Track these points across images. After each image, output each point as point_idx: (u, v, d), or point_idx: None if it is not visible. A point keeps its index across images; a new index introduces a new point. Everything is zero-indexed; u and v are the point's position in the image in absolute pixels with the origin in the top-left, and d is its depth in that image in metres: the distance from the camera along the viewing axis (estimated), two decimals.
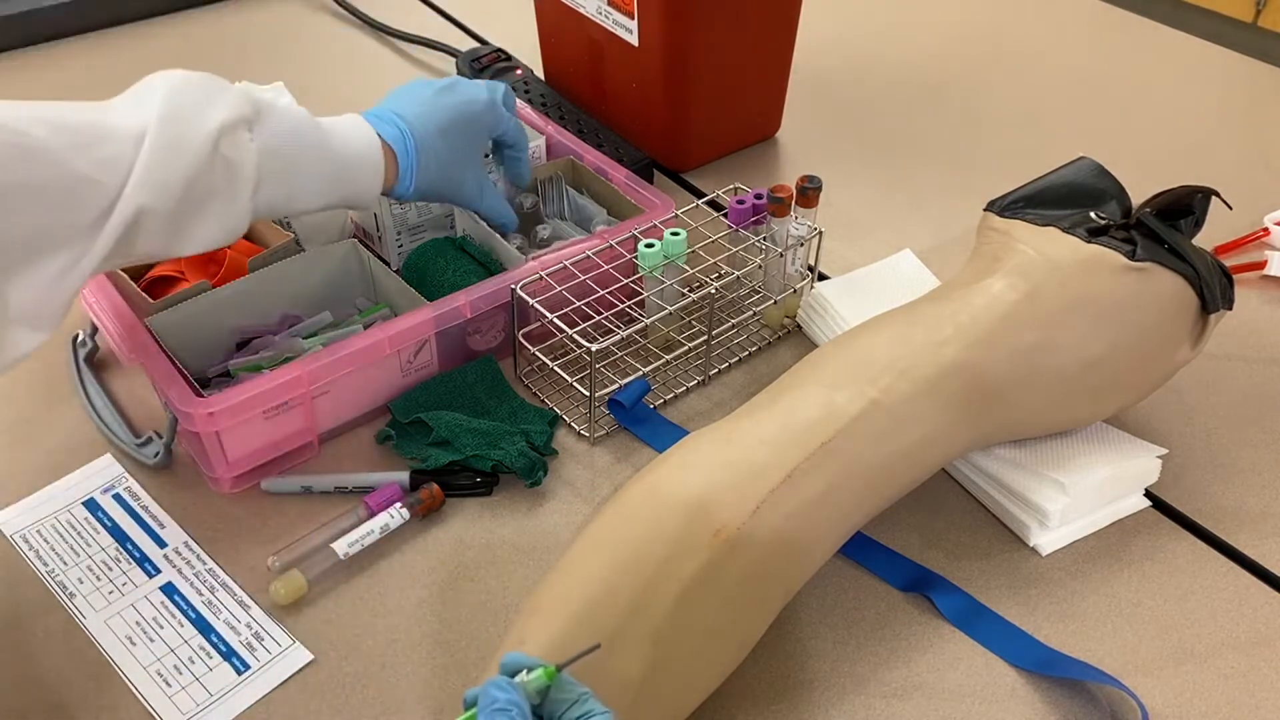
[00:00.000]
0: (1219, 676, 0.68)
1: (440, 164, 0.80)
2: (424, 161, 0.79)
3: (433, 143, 0.80)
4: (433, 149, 0.80)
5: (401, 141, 0.78)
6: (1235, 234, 1.02)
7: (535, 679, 0.49)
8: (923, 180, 1.12)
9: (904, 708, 0.66)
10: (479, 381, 0.85)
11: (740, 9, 1.03)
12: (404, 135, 0.78)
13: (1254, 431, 0.84)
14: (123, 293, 0.82)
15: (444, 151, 0.81)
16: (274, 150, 0.70)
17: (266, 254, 0.86)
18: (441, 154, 0.80)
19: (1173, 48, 1.37)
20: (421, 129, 0.79)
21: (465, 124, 0.82)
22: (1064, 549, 0.75)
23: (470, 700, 0.49)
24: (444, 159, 0.81)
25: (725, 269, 0.85)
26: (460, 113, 0.82)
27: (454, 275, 0.87)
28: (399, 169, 0.79)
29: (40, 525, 0.76)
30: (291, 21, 1.38)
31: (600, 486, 0.79)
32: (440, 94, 0.82)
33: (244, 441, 0.76)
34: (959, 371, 0.69)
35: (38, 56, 1.29)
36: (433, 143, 0.80)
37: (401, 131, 0.79)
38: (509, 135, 0.87)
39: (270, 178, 0.70)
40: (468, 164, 0.84)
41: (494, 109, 0.85)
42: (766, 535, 0.62)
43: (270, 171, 0.70)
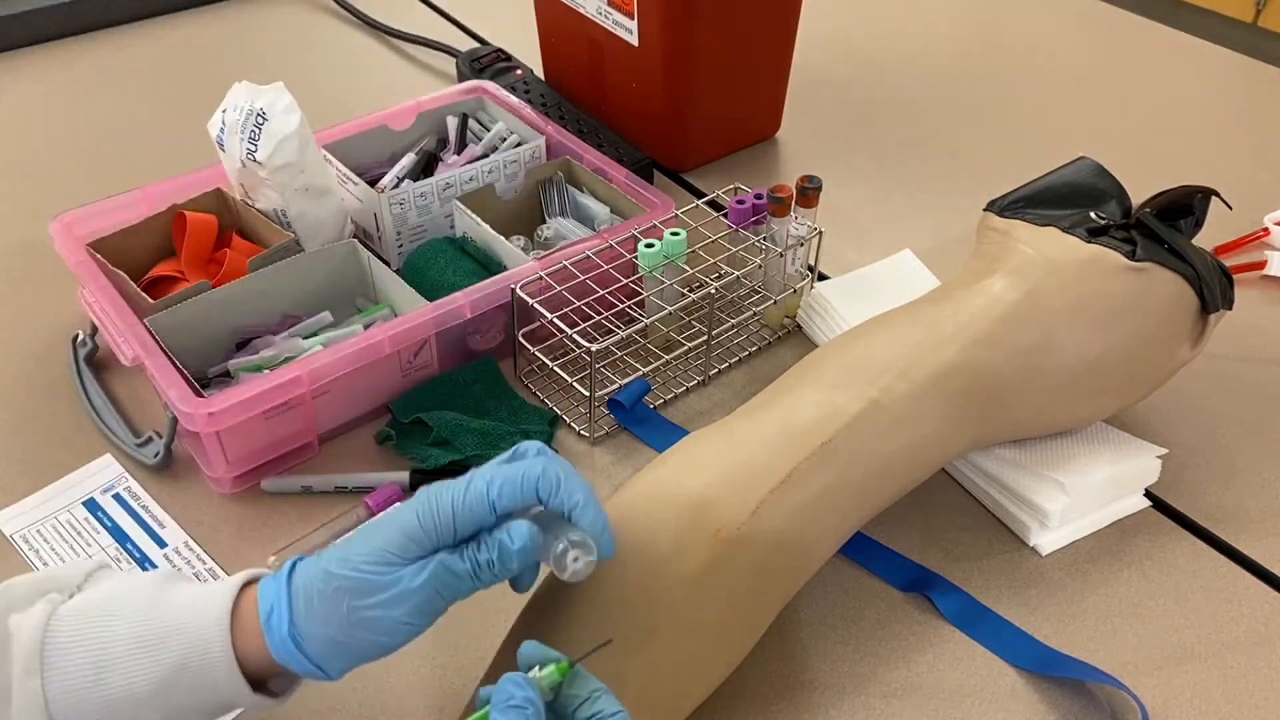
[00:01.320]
0: (1219, 676, 0.68)
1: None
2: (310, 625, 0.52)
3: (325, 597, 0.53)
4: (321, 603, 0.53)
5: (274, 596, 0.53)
6: (1235, 234, 1.02)
7: (549, 675, 0.49)
8: (923, 180, 1.12)
9: (904, 708, 0.66)
10: (479, 381, 0.85)
11: (740, 9, 1.03)
12: (279, 590, 0.53)
13: (1254, 431, 0.84)
14: (123, 293, 0.82)
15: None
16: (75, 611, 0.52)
17: (266, 254, 0.86)
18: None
19: (1173, 48, 1.37)
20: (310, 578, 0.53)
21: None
22: (1064, 549, 0.75)
23: (485, 698, 0.49)
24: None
25: (725, 269, 0.85)
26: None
27: (454, 275, 0.87)
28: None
29: (40, 525, 0.76)
30: (291, 21, 1.38)
31: (600, 486, 0.79)
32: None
33: (244, 441, 0.76)
34: (959, 371, 0.69)
35: (38, 56, 1.29)
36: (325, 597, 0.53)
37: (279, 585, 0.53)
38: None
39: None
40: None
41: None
42: (766, 535, 0.62)
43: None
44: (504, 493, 0.53)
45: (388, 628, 0.52)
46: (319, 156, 0.89)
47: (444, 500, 0.53)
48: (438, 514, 0.52)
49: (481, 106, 1.06)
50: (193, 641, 0.51)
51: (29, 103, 1.21)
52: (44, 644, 0.50)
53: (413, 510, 0.53)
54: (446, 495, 0.53)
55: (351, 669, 0.53)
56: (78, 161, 1.12)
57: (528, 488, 0.53)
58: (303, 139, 0.85)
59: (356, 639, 0.52)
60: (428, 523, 0.52)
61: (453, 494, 0.53)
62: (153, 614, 0.52)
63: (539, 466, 0.54)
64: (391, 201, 0.92)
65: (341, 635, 0.52)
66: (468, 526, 0.53)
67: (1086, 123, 1.22)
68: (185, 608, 0.52)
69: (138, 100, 1.22)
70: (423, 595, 0.52)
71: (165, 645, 0.51)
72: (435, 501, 0.53)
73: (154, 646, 0.51)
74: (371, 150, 1.01)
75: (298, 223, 0.89)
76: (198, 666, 0.51)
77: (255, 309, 0.85)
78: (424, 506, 0.53)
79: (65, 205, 0.91)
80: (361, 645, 0.52)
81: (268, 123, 0.84)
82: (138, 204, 0.91)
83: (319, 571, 0.52)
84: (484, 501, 0.53)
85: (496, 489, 0.53)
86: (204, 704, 0.53)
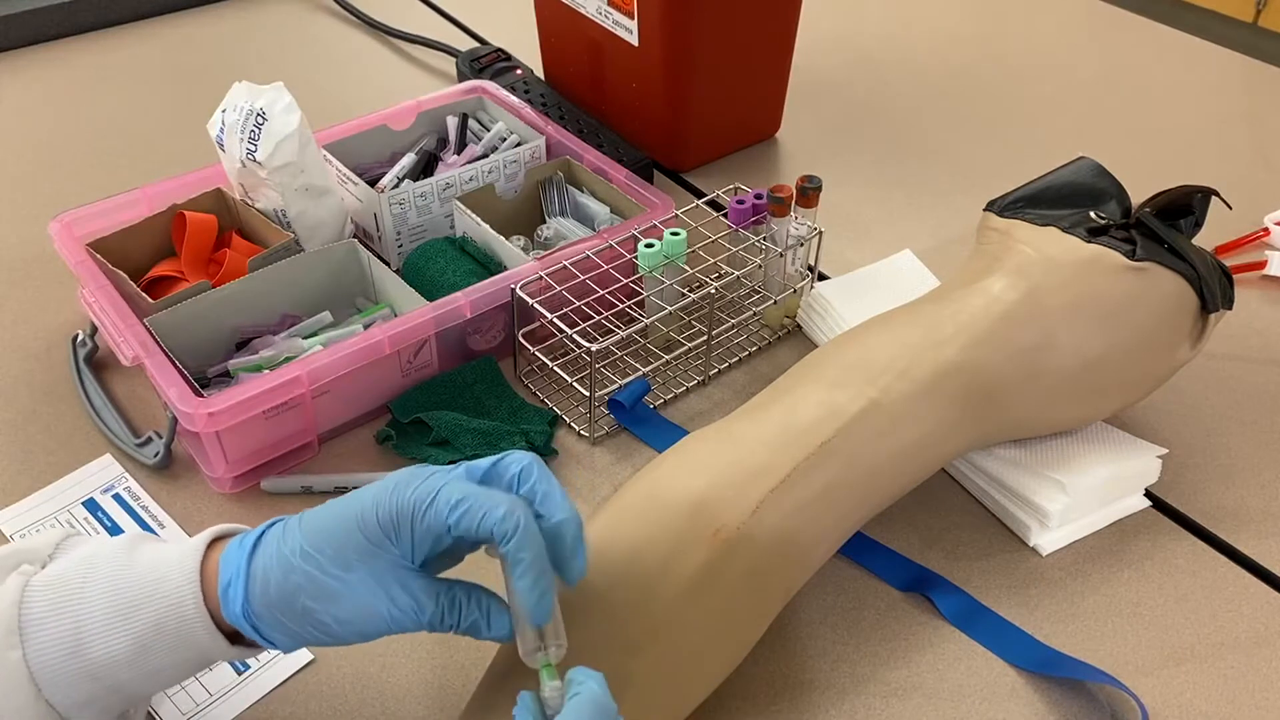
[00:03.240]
0: (1219, 676, 0.68)
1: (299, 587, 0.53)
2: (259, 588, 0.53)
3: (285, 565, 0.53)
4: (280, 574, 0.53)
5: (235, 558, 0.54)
6: (1235, 234, 1.02)
7: (546, 679, 0.51)
8: (923, 180, 1.12)
9: (904, 708, 0.66)
10: (479, 381, 0.85)
11: (740, 9, 1.03)
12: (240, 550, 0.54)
13: (1254, 431, 0.84)
14: (123, 293, 0.82)
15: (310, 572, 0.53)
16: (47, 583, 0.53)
17: (266, 254, 0.86)
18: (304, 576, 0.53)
19: (1173, 48, 1.37)
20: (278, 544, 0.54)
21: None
22: (1064, 549, 0.75)
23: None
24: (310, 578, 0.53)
25: (725, 269, 0.85)
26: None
27: (454, 275, 0.87)
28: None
29: (40, 525, 0.76)
30: (291, 21, 1.38)
31: (600, 486, 0.79)
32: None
33: (244, 441, 0.76)
34: (959, 371, 0.69)
35: (38, 56, 1.29)
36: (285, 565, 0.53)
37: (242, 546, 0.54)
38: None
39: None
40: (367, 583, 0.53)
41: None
42: (766, 535, 0.62)
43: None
44: (461, 523, 0.52)
45: (338, 634, 0.53)
46: (319, 156, 0.89)
47: (404, 504, 0.52)
48: (395, 517, 0.52)
49: (481, 106, 1.06)
50: (167, 602, 0.52)
51: (29, 103, 1.21)
52: (21, 617, 0.51)
53: (373, 502, 0.52)
54: (408, 498, 0.52)
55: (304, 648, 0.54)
56: (78, 161, 1.12)
57: (485, 527, 0.51)
58: (303, 139, 0.85)
59: (307, 631, 0.53)
60: (386, 523, 0.52)
61: (415, 501, 0.52)
62: (125, 578, 0.53)
63: (501, 511, 0.51)
64: (391, 201, 0.92)
65: (293, 624, 0.52)
66: (423, 543, 0.52)
67: (1086, 123, 1.22)
68: (157, 567, 0.53)
69: (138, 100, 1.22)
70: (378, 624, 0.52)
71: (140, 609, 0.52)
72: (395, 505, 0.52)
73: (129, 611, 0.52)
74: (371, 150, 1.01)
75: (298, 223, 0.89)
76: (174, 626, 0.52)
77: (255, 309, 0.85)
78: (384, 506, 0.52)
79: (65, 205, 0.91)
80: (310, 637, 0.53)
81: (267, 123, 0.84)
82: (138, 204, 0.91)
83: (280, 559, 0.52)
84: (441, 523, 0.52)
85: (456, 517, 0.52)
86: (184, 660, 0.53)
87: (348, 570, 0.52)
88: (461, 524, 0.52)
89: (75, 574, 0.53)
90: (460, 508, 0.52)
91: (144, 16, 1.37)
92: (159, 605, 0.52)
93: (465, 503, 0.52)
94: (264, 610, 0.52)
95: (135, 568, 0.53)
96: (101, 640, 0.51)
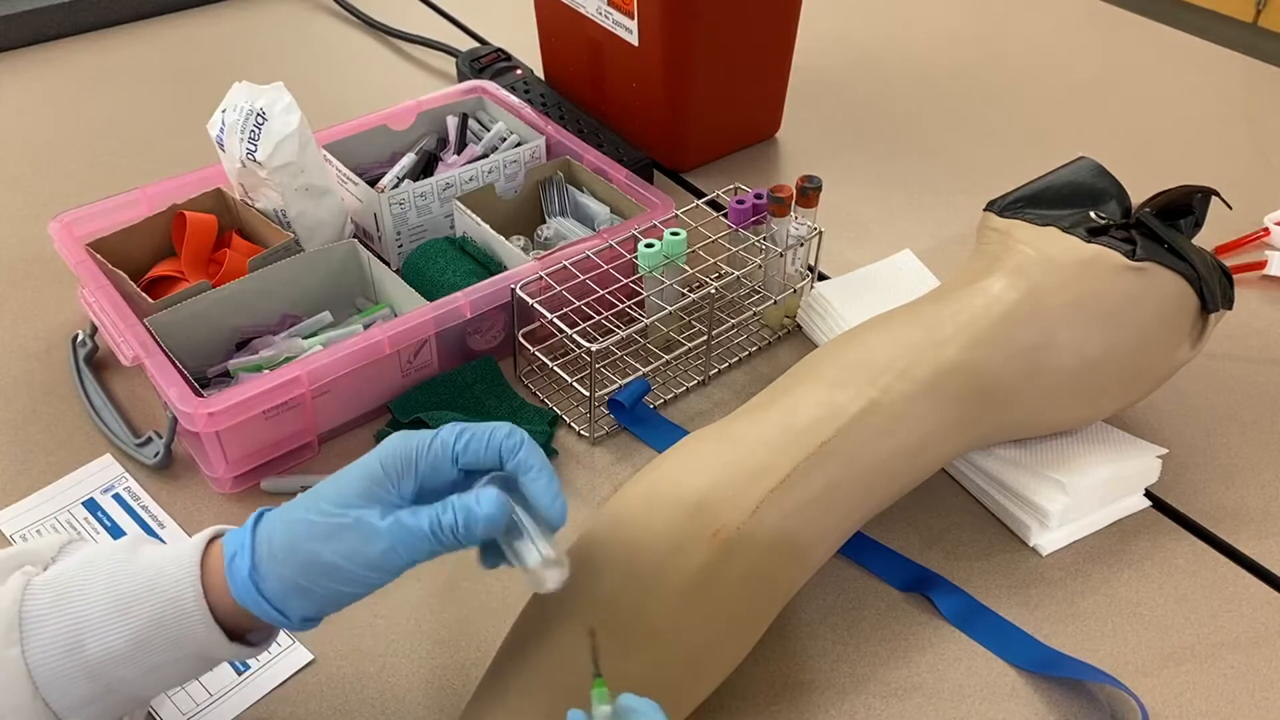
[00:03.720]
0: (1219, 676, 0.68)
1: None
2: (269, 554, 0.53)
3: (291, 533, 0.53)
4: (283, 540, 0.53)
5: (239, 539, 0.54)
6: (1235, 234, 1.02)
7: (599, 703, 0.51)
8: (923, 180, 1.12)
9: (904, 708, 0.66)
10: (479, 381, 0.85)
11: (740, 9, 1.03)
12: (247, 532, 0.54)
13: (1254, 431, 0.84)
14: (123, 293, 0.82)
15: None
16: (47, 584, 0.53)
17: (266, 254, 0.86)
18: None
19: (1173, 48, 1.37)
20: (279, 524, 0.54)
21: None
22: (1064, 549, 0.75)
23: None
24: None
25: (725, 269, 0.85)
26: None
27: (454, 275, 0.87)
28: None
29: (40, 525, 0.76)
30: (291, 21, 1.38)
31: (600, 487, 0.79)
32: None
33: (244, 441, 0.76)
34: (959, 371, 0.69)
35: (38, 56, 1.29)
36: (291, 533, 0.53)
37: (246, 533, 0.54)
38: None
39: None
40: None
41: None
42: (766, 535, 0.62)
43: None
44: (469, 447, 0.54)
45: (346, 575, 0.52)
46: (319, 156, 0.89)
47: (409, 447, 0.54)
48: (400, 460, 0.53)
49: (481, 106, 1.06)
50: (166, 597, 0.52)
51: (29, 103, 1.21)
52: (21, 615, 0.51)
53: (377, 457, 0.54)
54: (412, 443, 0.54)
55: (314, 619, 0.54)
56: (78, 161, 1.12)
57: (492, 445, 0.54)
58: (302, 139, 0.85)
59: (316, 584, 0.52)
60: (390, 468, 0.53)
61: (418, 442, 0.54)
62: (124, 575, 0.53)
63: (506, 428, 0.55)
64: (391, 201, 0.92)
65: (302, 579, 0.52)
66: (431, 476, 0.54)
67: (1086, 123, 1.22)
68: (155, 565, 0.53)
69: (138, 100, 1.22)
70: (381, 545, 0.52)
71: (139, 604, 0.52)
72: (400, 449, 0.54)
73: (128, 606, 0.52)
74: (371, 150, 1.01)
75: (298, 223, 0.89)
76: (173, 621, 0.52)
77: (255, 309, 0.85)
78: (388, 453, 0.54)
79: (65, 205, 0.91)
80: (321, 591, 0.53)
81: (267, 123, 0.84)
82: (138, 204, 0.91)
83: (283, 516, 0.53)
84: (448, 451, 0.54)
85: (463, 442, 0.54)
86: (184, 658, 0.53)
87: (350, 507, 0.52)
88: (470, 448, 0.54)
89: (76, 573, 0.53)
90: (465, 435, 0.54)
91: (144, 16, 1.37)
92: (158, 599, 0.52)
93: (468, 431, 0.55)
94: (270, 570, 0.52)
95: (134, 564, 0.53)
96: (100, 636, 0.51)
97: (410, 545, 0.52)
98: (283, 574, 0.52)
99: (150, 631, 0.52)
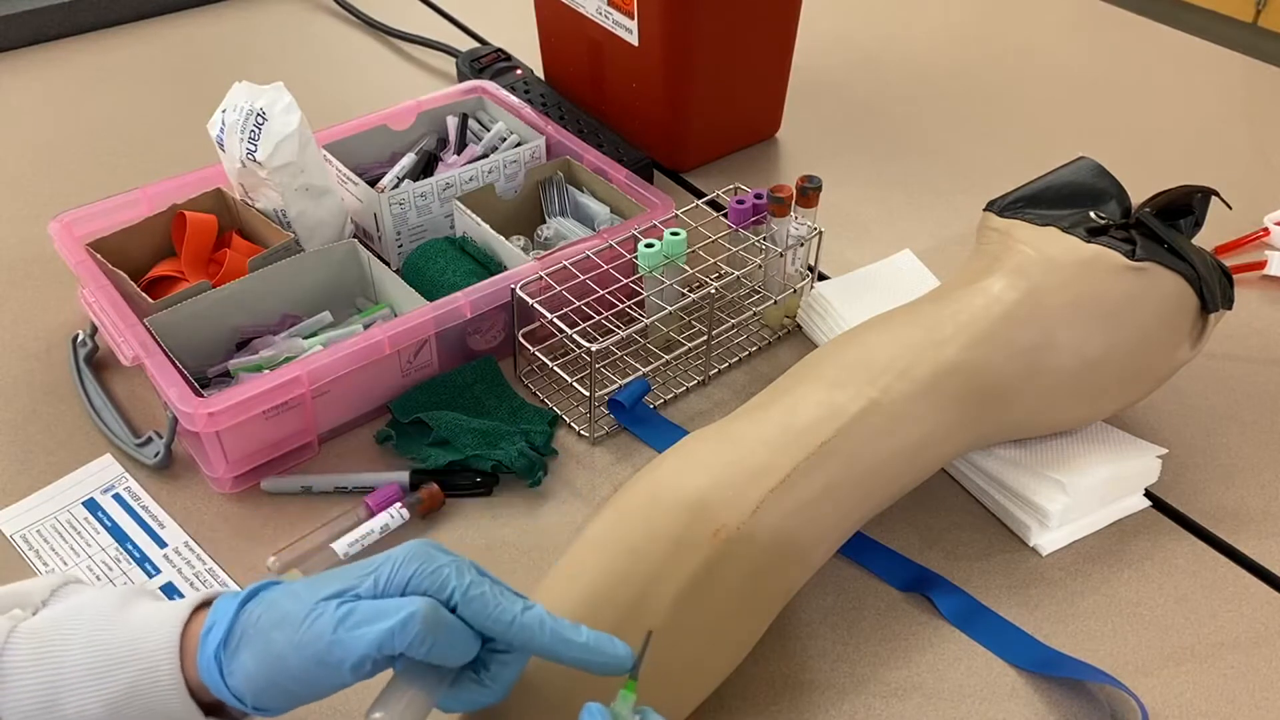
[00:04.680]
0: (1219, 676, 0.68)
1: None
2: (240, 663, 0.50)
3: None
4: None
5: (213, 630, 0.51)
6: (1235, 234, 1.02)
7: (624, 703, 0.50)
8: (923, 180, 1.12)
9: (904, 708, 0.66)
10: (479, 381, 0.85)
11: (740, 9, 1.03)
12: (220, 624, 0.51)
13: (1254, 431, 0.84)
14: (123, 293, 0.82)
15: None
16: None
17: (266, 254, 0.86)
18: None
19: (1173, 48, 1.37)
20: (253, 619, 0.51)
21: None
22: (1064, 549, 0.75)
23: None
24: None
25: (725, 269, 0.85)
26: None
27: (454, 275, 0.87)
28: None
29: (40, 525, 0.76)
30: (291, 21, 1.38)
31: (600, 487, 0.79)
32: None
33: (244, 441, 0.76)
34: (959, 371, 0.69)
35: (38, 56, 1.29)
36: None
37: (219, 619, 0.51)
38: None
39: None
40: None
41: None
42: (766, 535, 0.62)
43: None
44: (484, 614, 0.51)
45: (300, 674, 0.49)
46: (319, 156, 0.89)
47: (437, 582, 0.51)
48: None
49: (481, 106, 1.06)
50: (143, 665, 0.50)
51: (29, 103, 1.21)
52: (1, 664, 0.49)
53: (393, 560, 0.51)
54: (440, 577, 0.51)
55: (270, 710, 0.51)
56: (78, 161, 1.12)
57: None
58: (302, 139, 0.85)
59: (276, 671, 0.49)
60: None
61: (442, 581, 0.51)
62: (107, 635, 0.51)
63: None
64: (391, 201, 0.92)
65: (253, 665, 0.49)
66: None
67: (1086, 123, 1.22)
68: (139, 628, 0.51)
69: (138, 100, 1.22)
70: (340, 657, 0.49)
71: (117, 669, 0.50)
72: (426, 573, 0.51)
73: (106, 670, 0.50)
74: (371, 150, 1.01)
75: (298, 223, 0.89)
76: (148, 691, 0.50)
77: (255, 309, 0.85)
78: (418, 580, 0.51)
79: (65, 205, 0.91)
80: (283, 681, 0.50)
81: (267, 123, 0.84)
82: (138, 204, 0.91)
83: (270, 596, 0.51)
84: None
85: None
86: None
87: (325, 603, 0.50)
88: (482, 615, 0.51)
89: (61, 624, 0.51)
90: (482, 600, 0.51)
91: (144, 16, 1.37)
92: (136, 667, 0.50)
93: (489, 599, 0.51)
94: (238, 650, 0.50)
95: (119, 624, 0.51)
96: (77, 698, 0.49)
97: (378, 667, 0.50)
98: (244, 658, 0.50)
99: (124, 699, 0.50)
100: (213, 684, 0.50)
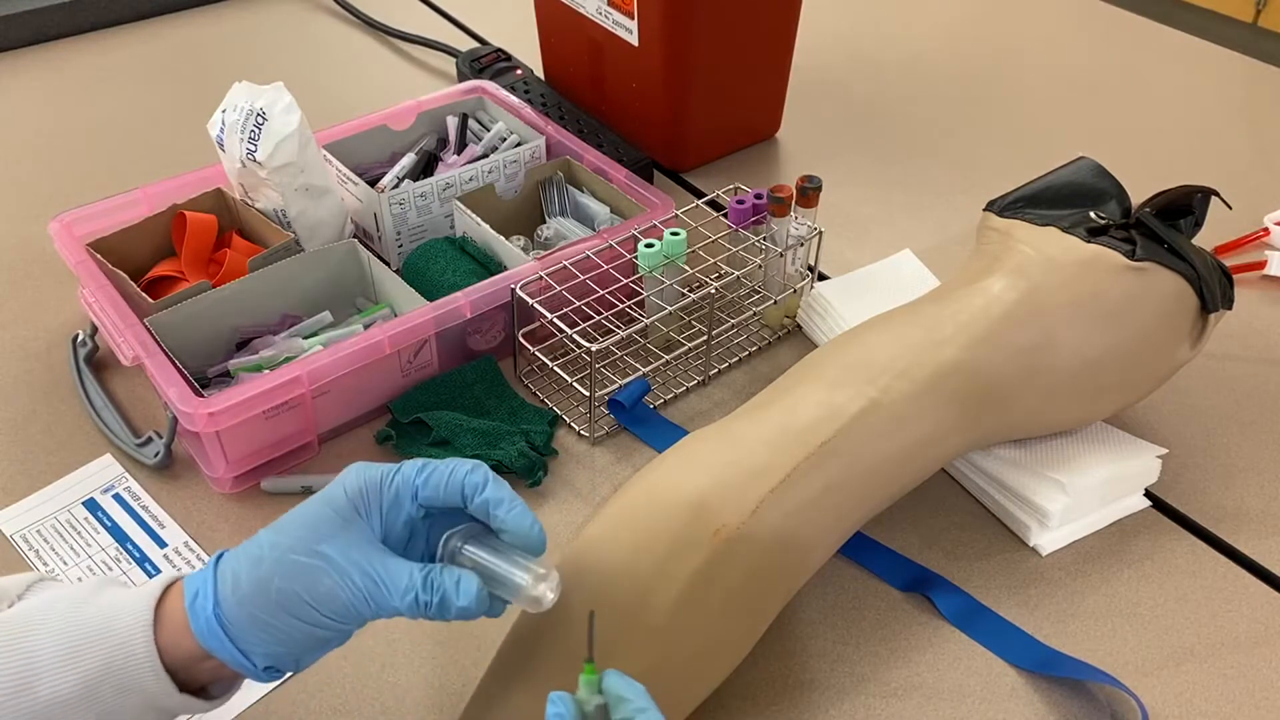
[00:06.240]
0: (1219, 676, 0.68)
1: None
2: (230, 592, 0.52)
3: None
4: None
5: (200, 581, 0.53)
6: (1235, 234, 1.02)
7: (588, 688, 0.50)
8: (923, 180, 1.12)
9: (904, 708, 0.66)
10: (479, 381, 0.85)
11: (740, 9, 1.03)
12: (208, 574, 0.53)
13: (1254, 431, 0.84)
14: (123, 293, 0.82)
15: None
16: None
17: (266, 254, 0.86)
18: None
19: (1173, 48, 1.37)
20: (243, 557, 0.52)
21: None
22: (1064, 549, 0.75)
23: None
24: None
25: (725, 269, 0.85)
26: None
27: (454, 275, 0.87)
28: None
29: (40, 525, 0.76)
30: (291, 21, 1.38)
31: (600, 486, 0.79)
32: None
33: (244, 441, 0.76)
34: (959, 371, 0.69)
35: (38, 56, 1.29)
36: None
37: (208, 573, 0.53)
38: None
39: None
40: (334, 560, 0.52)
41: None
42: (766, 535, 0.62)
43: None
44: (430, 482, 0.53)
45: (315, 619, 0.51)
46: (319, 156, 0.89)
47: (372, 479, 0.53)
48: (365, 493, 0.53)
49: (481, 106, 1.06)
50: (116, 640, 0.50)
51: (29, 103, 1.21)
52: None
53: (340, 486, 0.53)
54: (374, 474, 0.54)
55: (278, 666, 0.52)
56: (78, 161, 1.12)
57: (454, 481, 0.53)
58: (302, 139, 0.85)
59: (286, 624, 0.51)
60: (355, 497, 0.53)
61: (381, 475, 0.54)
62: (78, 618, 0.51)
63: (469, 464, 0.54)
64: (391, 201, 0.92)
65: (271, 618, 0.51)
66: (392, 512, 0.53)
67: (1086, 123, 1.22)
68: (110, 609, 0.51)
69: (138, 100, 1.22)
70: (352, 598, 0.51)
71: (90, 648, 0.50)
72: (362, 480, 0.53)
73: (79, 650, 0.50)
74: (371, 150, 1.01)
75: (298, 223, 0.89)
76: (121, 667, 0.50)
77: (255, 309, 0.85)
78: (351, 483, 0.53)
79: (65, 205, 0.91)
80: (287, 629, 0.51)
81: (267, 123, 0.84)
82: (138, 204, 0.91)
83: (247, 555, 0.52)
84: (409, 486, 0.53)
85: (424, 477, 0.54)
86: (134, 707, 0.51)
87: (318, 545, 0.51)
88: (430, 482, 0.53)
89: (34, 612, 0.51)
90: (425, 470, 0.54)
91: (144, 16, 1.37)
92: (109, 644, 0.50)
93: (430, 466, 0.54)
94: (236, 609, 0.51)
95: (91, 608, 0.51)
96: (50, 679, 0.49)
97: (381, 602, 0.52)
98: (250, 614, 0.51)
99: (99, 676, 0.50)
100: (216, 645, 0.51)
